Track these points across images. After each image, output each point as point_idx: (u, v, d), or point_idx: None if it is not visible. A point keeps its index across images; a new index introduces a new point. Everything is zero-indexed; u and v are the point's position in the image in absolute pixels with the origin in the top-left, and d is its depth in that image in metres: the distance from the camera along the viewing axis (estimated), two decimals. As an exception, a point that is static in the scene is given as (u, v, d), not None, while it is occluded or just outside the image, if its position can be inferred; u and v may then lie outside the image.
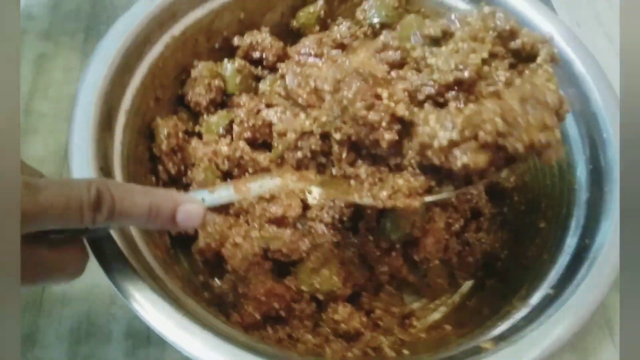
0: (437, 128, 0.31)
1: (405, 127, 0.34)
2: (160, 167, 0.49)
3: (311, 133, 0.38)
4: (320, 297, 0.44)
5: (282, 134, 0.40)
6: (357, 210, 0.48)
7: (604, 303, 0.45)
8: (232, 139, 0.51)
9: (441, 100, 0.33)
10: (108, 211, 0.30)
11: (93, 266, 0.35)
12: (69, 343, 0.46)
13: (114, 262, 0.36)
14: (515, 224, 0.49)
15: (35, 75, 0.61)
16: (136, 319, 0.33)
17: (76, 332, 0.46)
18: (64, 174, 0.55)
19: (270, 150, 0.53)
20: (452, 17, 0.34)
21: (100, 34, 0.60)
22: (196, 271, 0.49)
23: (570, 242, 0.41)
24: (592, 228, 0.39)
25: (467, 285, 0.49)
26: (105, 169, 0.40)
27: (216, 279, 0.48)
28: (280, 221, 0.48)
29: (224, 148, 0.50)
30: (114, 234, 0.37)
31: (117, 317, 0.47)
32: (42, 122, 0.57)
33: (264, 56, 0.55)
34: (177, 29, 0.50)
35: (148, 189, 0.33)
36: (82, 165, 0.39)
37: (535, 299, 0.39)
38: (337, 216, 0.49)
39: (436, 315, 0.47)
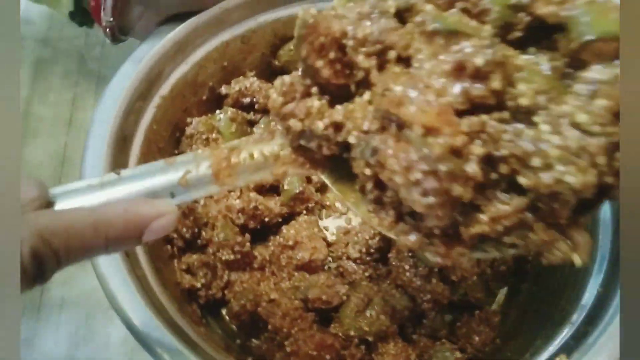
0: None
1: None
2: (175, 234, 0.47)
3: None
4: (370, 338, 0.43)
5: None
6: (383, 240, 0.48)
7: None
8: (241, 190, 0.50)
9: None
10: (53, 268, 0.25)
11: (90, 270, 0.35)
12: (67, 348, 0.46)
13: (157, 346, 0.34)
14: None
15: (33, 80, 0.61)
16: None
17: (74, 337, 0.46)
18: (62, 179, 0.55)
19: (278, 194, 0.52)
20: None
21: (98, 39, 0.62)
22: (231, 335, 0.47)
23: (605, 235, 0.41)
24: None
25: (502, 293, 0.49)
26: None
27: (253, 340, 0.46)
28: (309, 266, 0.47)
29: (236, 202, 0.48)
30: (151, 313, 0.35)
31: (115, 321, 0.46)
32: (40, 126, 0.58)
33: (254, 100, 0.54)
34: (165, 89, 0.49)
35: (98, 215, 0.26)
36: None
37: (587, 298, 0.39)
38: (363, 249, 0.48)
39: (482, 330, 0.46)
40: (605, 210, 0.41)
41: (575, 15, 0.25)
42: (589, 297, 0.39)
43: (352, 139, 0.26)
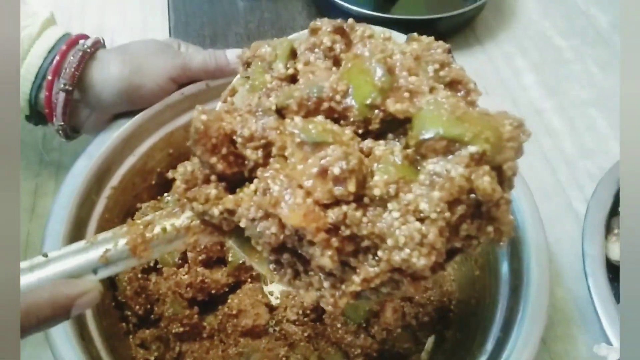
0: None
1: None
2: (128, 312, 0.52)
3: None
4: (310, 394, 0.47)
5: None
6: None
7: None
8: (189, 266, 0.55)
9: None
10: None
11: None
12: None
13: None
14: (455, 275, 0.56)
15: None
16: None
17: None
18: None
19: (225, 265, 0.57)
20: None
21: None
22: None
23: (504, 287, 0.47)
24: (520, 267, 0.45)
25: (430, 341, 0.54)
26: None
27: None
28: (252, 332, 0.52)
29: (184, 277, 0.53)
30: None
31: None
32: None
33: (198, 181, 0.60)
34: (115, 180, 0.54)
35: (28, 302, 0.30)
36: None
37: (490, 344, 0.44)
38: (300, 311, 0.53)
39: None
40: (505, 266, 0.48)
41: (416, 114, 0.31)
42: (492, 341, 0.44)
43: (242, 224, 0.31)
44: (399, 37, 0.37)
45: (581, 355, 0.53)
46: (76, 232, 0.49)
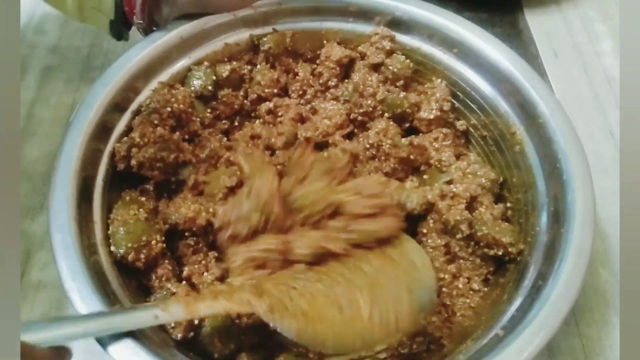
0: None
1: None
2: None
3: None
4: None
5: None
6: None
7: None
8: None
9: None
10: None
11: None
12: None
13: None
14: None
15: (39, 85, 0.66)
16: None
17: (46, 316, 0.48)
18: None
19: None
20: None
21: (102, 50, 0.67)
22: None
23: (526, 286, 0.41)
24: (547, 270, 0.39)
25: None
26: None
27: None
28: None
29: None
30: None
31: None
32: (40, 126, 0.62)
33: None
34: (164, 76, 0.50)
35: None
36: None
37: (485, 339, 0.38)
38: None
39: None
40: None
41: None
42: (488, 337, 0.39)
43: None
44: None
45: (615, 344, 0.49)
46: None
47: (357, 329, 0.36)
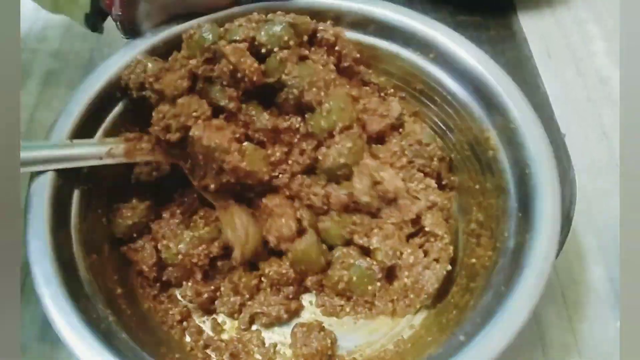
0: None
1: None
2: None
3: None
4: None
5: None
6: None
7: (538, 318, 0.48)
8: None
9: None
10: None
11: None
12: (41, 323, 0.50)
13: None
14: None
15: (41, 89, 0.68)
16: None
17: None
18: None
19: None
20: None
21: (102, 54, 0.69)
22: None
23: (492, 290, 0.40)
24: (511, 276, 0.39)
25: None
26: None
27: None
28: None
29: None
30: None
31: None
32: (42, 130, 0.61)
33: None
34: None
35: None
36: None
37: (448, 344, 0.38)
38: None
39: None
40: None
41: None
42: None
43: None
44: None
45: (608, 337, 0.49)
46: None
47: None
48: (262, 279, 0.48)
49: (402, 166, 0.49)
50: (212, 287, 0.48)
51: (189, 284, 0.48)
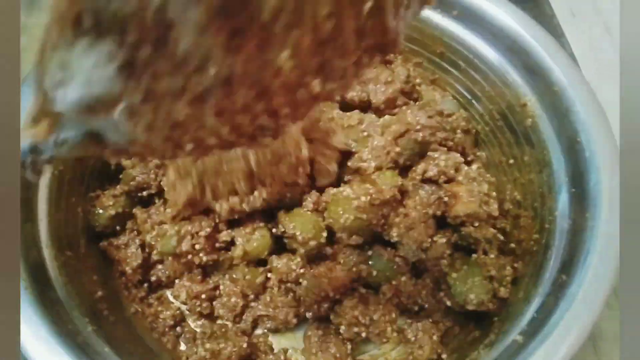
0: None
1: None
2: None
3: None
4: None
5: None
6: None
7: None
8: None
9: None
10: None
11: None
12: None
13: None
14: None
15: None
16: None
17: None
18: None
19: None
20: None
21: None
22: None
23: (546, 282, 0.34)
24: (571, 262, 0.33)
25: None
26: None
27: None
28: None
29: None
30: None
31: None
32: None
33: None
34: None
35: None
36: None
37: (502, 346, 0.33)
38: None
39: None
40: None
41: None
42: (504, 344, 0.33)
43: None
44: None
45: None
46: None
47: None
48: (270, 274, 0.41)
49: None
50: (211, 286, 0.41)
51: (183, 282, 0.41)
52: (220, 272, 0.41)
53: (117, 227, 0.41)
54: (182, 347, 0.41)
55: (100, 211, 0.41)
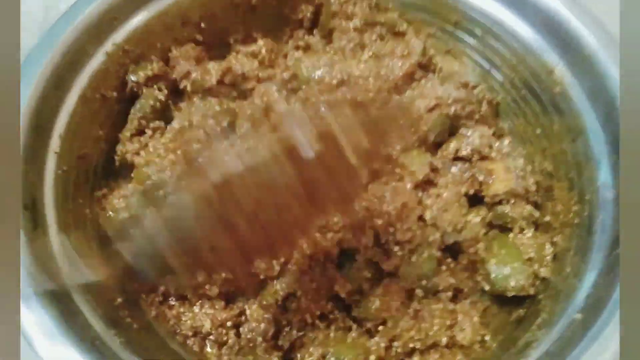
0: None
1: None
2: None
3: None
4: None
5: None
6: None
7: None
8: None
9: None
10: None
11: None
12: None
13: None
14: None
15: None
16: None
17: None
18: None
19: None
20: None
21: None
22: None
23: (596, 255, 0.33)
24: (625, 233, 0.30)
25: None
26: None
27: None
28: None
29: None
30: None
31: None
32: None
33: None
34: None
35: None
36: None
37: (561, 326, 0.32)
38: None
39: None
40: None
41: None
42: (563, 323, 0.32)
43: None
44: None
45: None
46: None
47: None
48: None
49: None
50: (236, 311, 0.38)
51: (204, 309, 0.38)
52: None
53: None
54: (209, 349, 0.38)
55: (111, 214, 0.37)
